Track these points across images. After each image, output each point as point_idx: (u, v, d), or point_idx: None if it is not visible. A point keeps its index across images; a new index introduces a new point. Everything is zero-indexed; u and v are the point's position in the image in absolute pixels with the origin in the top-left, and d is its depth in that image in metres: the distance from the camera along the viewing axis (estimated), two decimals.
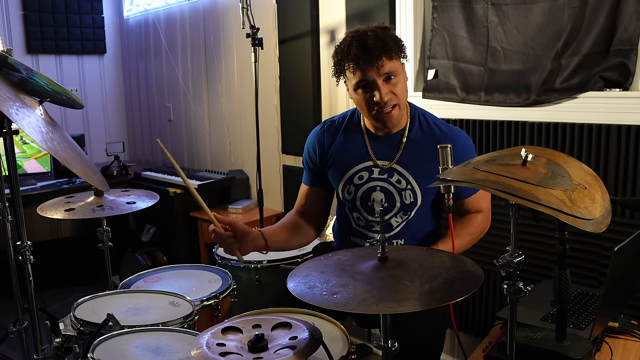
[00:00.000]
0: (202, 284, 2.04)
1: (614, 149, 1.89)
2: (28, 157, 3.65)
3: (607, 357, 1.50)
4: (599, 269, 1.96)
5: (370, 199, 1.77)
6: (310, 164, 1.90)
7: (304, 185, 1.94)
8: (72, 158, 1.45)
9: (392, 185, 1.75)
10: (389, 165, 1.75)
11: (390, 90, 1.65)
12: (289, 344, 1.25)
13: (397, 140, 1.76)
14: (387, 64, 1.62)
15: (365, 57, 1.61)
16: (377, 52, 1.60)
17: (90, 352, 1.43)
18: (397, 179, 1.74)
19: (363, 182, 1.78)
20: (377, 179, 1.76)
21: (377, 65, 1.61)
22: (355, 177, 1.79)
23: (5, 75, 1.45)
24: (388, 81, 1.65)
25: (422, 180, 1.73)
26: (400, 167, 1.74)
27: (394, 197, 1.74)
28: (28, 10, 4.09)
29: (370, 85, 1.64)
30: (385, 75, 1.63)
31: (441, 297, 1.09)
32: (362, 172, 1.78)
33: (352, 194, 1.79)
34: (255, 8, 2.94)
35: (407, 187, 1.73)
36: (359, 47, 1.62)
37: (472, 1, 2.24)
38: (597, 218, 1.10)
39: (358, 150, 1.80)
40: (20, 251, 1.75)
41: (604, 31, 1.89)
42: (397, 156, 1.75)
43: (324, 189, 1.91)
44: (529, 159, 1.16)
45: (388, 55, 1.62)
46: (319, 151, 1.86)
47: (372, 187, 1.77)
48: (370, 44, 1.60)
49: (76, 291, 3.60)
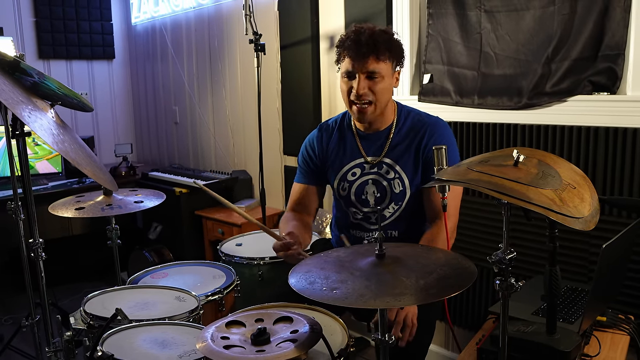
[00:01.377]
0: (207, 279, 2.04)
1: (602, 150, 1.89)
2: (40, 158, 3.65)
3: (596, 350, 1.50)
4: (587, 265, 1.96)
5: (363, 192, 1.81)
6: (310, 165, 1.93)
7: (299, 184, 1.96)
8: (82, 159, 1.45)
9: (382, 176, 1.79)
10: (378, 160, 1.80)
11: (368, 87, 1.69)
12: (290, 338, 1.25)
13: (385, 136, 1.81)
14: (372, 63, 1.67)
15: (355, 49, 1.67)
16: (366, 49, 1.66)
17: (100, 345, 1.43)
18: (386, 169, 1.79)
19: (356, 178, 1.82)
20: (369, 173, 1.81)
21: (363, 61, 1.66)
22: (348, 173, 1.84)
23: (18, 80, 1.45)
24: (370, 79, 1.69)
25: (408, 167, 1.77)
26: (387, 159, 1.79)
27: (384, 188, 1.79)
28: (40, 17, 4.09)
29: (352, 76, 1.70)
30: (367, 72, 1.68)
31: (436, 293, 1.09)
32: (355, 168, 1.83)
33: (346, 190, 1.83)
34: (258, 15, 2.94)
35: (395, 176, 1.78)
36: (354, 40, 1.68)
37: (466, 8, 2.24)
38: (586, 216, 1.10)
39: (350, 149, 1.85)
40: (32, 248, 1.75)
41: (593, 37, 1.89)
42: (385, 150, 1.80)
43: (319, 187, 1.96)
44: (521, 160, 1.16)
45: (375, 55, 1.67)
46: (319, 153, 1.90)
47: (364, 182, 1.81)
48: (362, 40, 1.66)
49: (86, 286, 3.61)
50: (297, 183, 1.97)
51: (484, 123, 2.20)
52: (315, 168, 1.92)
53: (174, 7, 3.97)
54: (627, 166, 1.84)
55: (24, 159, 1.70)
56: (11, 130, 1.60)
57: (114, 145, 4.15)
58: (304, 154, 1.95)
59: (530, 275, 2.02)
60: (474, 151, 2.24)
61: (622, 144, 1.84)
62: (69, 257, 3.79)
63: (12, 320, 3.26)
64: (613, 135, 1.86)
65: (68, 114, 4.21)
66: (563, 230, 1.39)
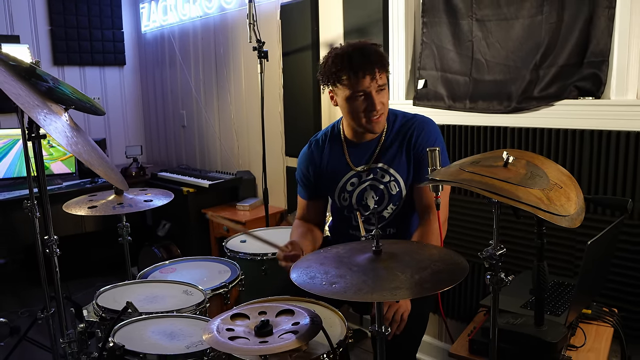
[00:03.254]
0: (213, 274, 2.03)
1: (587, 152, 1.88)
2: (54, 159, 3.65)
3: (581, 341, 1.50)
4: (573, 260, 1.96)
5: (363, 198, 1.79)
6: (307, 182, 1.90)
7: (303, 200, 1.94)
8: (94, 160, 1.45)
9: (378, 181, 1.78)
10: (371, 166, 1.78)
11: (381, 101, 1.67)
12: (292, 329, 1.25)
13: (375, 142, 1.78)
14: (382, 76, 1.65)
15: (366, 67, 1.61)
16: (377, 65, 1.62)
17: (111, 336, 1.43)
18: (381, 174, 1.77)
19: (355, 187, 1.80)
20: (365, 181, 1.79)
21: (376, 77, 1.63)
22: (347, 184, 1.81)
23: (34, 85, 1.45)
24: (380, 92, 1.66)
25: (401, 169, 1.76)
26: (381, 164, 1.77)
27: (382, 191, 1.77)
28: (55, 26, 4.09)
29: (367, 94, 1.64)
30: (379, 86, 1.65)
31: (430, 287, 1.09)
32: (352, 179, 1.81)
33: (347, 200, 1.82)
34: (261, 23, 2.94)
35: (391, 179, 1.76)
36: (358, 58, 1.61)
37: (459, 17, 2.24)
38: (572, 214, 1.10)
39: (343, 161, 1.82)
40: (47, 245, 1.75)
41: (578, 45, 1.89)
42: (376, 155, 1.77)
43: (322, 200, 1.95)
44: (510, 161, 1.16)
45: (383, 67, 1.64)
46: (313, 170, 1.87)
47: (363, 189, 1.79)
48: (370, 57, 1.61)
49: (98, 281, 3.60)
50: (301, 198, 1.95)
51: (475, 126, 2.20)
52: (313, 184, 1.89)
53: (181, 16, 3.97)
54: (610, 167, 1.83)
55: (39, 160, 1.71)
56: (27, 132, 1.60)
57: (124, 147, 4.14)
58: (302, 171, 1.91)
59: (519, 270, 2.02)
60: (466, 153, 2.24)
61: (606, 146, 1.84)
62: (82, 253, 3.79)
63: (28, 313, 3.26)
64: (597, 137, 1.86)
65: (81, 117, 4.21)
66: (550, 227, 1.40)
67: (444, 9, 2.28)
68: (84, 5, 4.19)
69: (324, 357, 1.32)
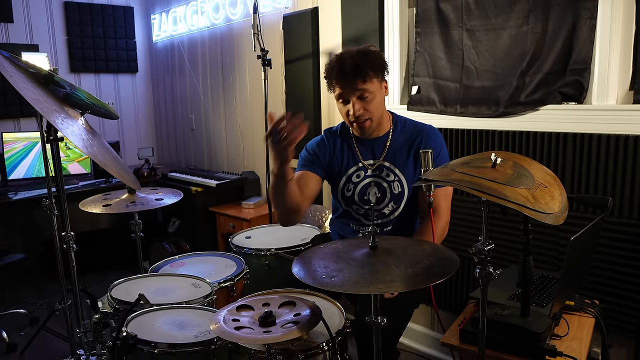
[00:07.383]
0: (220, 268, 2.04)
1: (570, 153, 1.88)
2: (71, 160, 3.65)
3: (565, 331, 1.50)
4: (557, 255, 1.96)
5: (366, 192, 1.79)
6: (311, 158, 1.81)
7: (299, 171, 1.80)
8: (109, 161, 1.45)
9: (382, 178, 1.77)
10: (378, 163, 1.78)
11: (362, 107, 1.66)
12: (294, 320, 1.25)
13: (383, 142, 1.78)
14: (360, 85, 1.63)
15: (342, 78, 1.64)
16: (352, 76, 1.62)
17: (125, 326, 1.43)
18: (386, 173, 1.77)
19: (360, 179, 1.80)
20: (371, 176, 1.79)
21: (352, 87, 1.63)
22: (353, 175, 1.81)
23: (52, 91, 1.45)
24: (362, 99, 1.66)
25: (407, 171, 1.76)
26: (387, 163, 1.77)
27: (385, 189, 1.77)
28: (71, 36, 4.09)
29: (346, 101, 1.68)
30: (358, 93, 1.65)
31: (423, 280, 1.09)
32: (359, 171, 1.80)
33: (351, 191, 1.81)
34: (265, 33, 2.94)
35: (395, 179, 1.76)
36: (338, 69, 1.64)
37: (450, 28, 2.24)
38: (556, 212, 1.10)
39: (351, 154, 1.82)
40: (64, 241, 1.75)
41: (562, 53, 1.89)
42: (384, 154, 1.77)
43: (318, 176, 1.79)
44: (498, 162, 1.16)
45: (362, 79, 1.62)
46: (325, 152, 1.82)
47: (367, 183, 1.79)
48: (346, 69, 1.62)
49: (112, 274, 3.61)
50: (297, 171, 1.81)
51: (465, 129, 2.20)
52: (318, 161, 1.81)
53: (190, 27, 3.97)
54: (592, 168, 1.83)
55: (57, 161, 1.71)
56: (46, 135, 1.60)
57: (137, 149, 4.14)
58: (309, 151, 1.83)
59: (507, 264, 2.02)
60: (457, 154, 2.24)
61: (588, 148, 1.84)
62: (97, 249, 3.79)
63: (47, 305, 3.26)
64: (580, 140, 1.86)
65: (96, 121, 4.21)
66: (536, 224, 1.39)
67: (436, 20, 2.28)
68: (99, 17, 4.20)
69: (324, 345, 1.32)
